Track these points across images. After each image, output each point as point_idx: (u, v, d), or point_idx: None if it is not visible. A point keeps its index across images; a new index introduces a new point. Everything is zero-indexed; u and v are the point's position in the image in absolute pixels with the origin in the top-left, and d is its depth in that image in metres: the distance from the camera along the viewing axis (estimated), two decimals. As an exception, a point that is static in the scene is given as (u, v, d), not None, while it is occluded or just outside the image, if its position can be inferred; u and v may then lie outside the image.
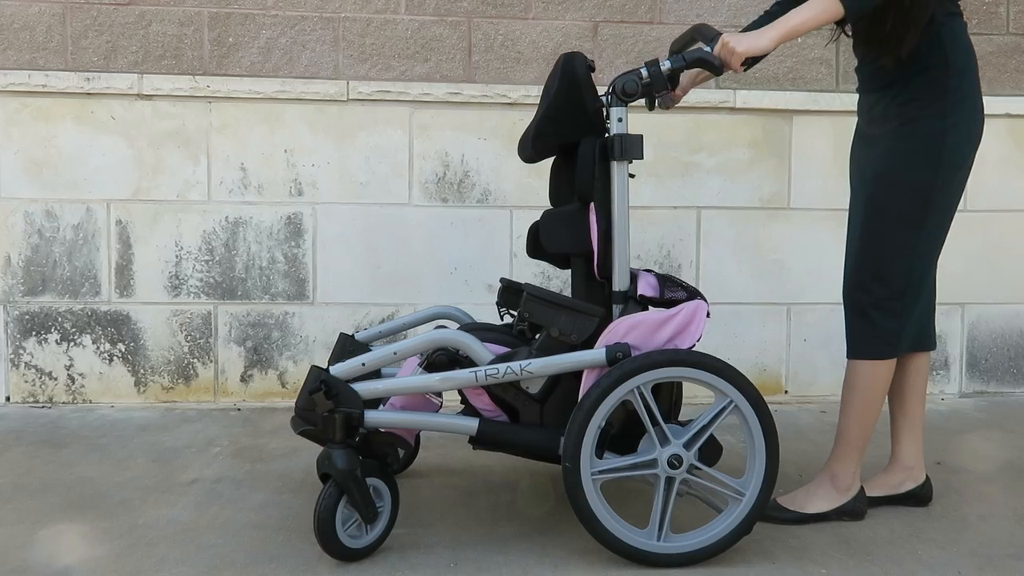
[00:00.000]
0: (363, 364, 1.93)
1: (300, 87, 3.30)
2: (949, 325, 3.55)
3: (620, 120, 1.97)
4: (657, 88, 1.97)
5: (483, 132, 3.38)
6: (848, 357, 2.20)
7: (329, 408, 1.87)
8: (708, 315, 1.94)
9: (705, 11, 3.44)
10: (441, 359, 1.96)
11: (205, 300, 3.33)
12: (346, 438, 1.88)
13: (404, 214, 3.37)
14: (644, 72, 1.96)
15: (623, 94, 1.95)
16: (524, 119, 3.37)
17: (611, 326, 1.91)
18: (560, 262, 2.23)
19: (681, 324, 1.91)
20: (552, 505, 2.27)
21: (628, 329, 1.90)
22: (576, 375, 1.93)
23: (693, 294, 2.00)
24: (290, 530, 2.08)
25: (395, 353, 1.95)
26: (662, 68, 1.96)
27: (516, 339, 2.07)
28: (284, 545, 2.00)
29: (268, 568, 1.88)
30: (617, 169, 1.97)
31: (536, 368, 1.90)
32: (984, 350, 3.59)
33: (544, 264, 3.38)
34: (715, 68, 1.95)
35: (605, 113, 2.01)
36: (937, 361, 3.57)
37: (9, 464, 2.58)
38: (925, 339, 2.25)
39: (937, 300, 2.30)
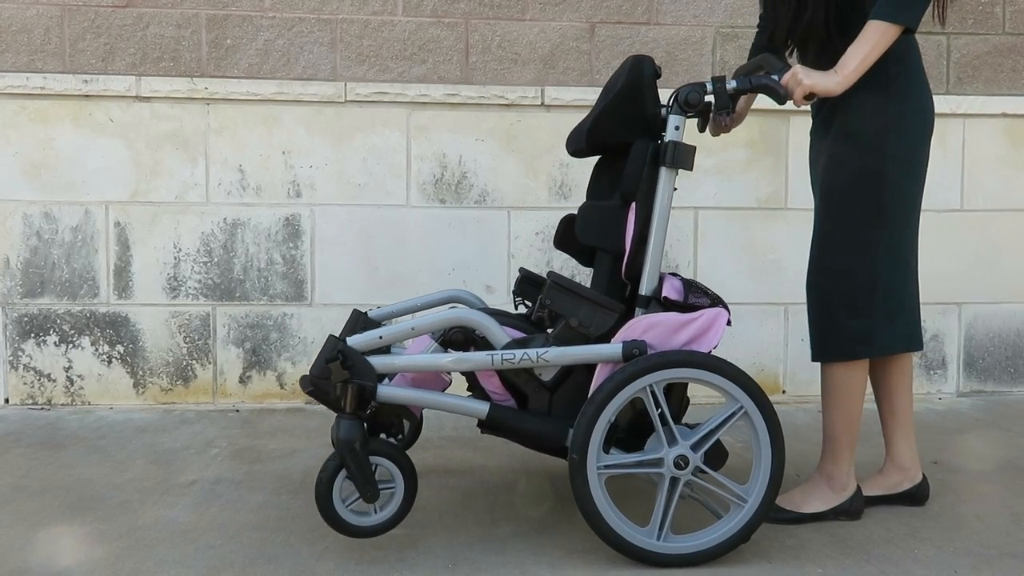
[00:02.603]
0: (381, 337, 1.94)
1: (298, 89, 3.30)
2: (946, 324, 3.55)
3: (677, 128, 2.00)
4: (719, 105, 1.99)
5: (480, 133, 3.38)
6: (814, 360, 2.17)
7: (344, 378, 1.88)
8: (729, 323, 1.95)
9: (702, 12, 3.44)
10: (457, 337, 1.96)
11: (204, 302, 3.33)
12: (357, 410, 1.89)
13: (402, 215, 3.37)
14: (709, 86, 1.98)
15: (686, 104, 1.98)
16: (521, 120, 3.38)
17: (630, 323, 1.92)
18: (584, 258, 2.21)
19: (700, 329, 1.92)
20: (550, 505, 2.28)
21: (647, 328, 1.91)
22: (589, 368, 1.94)
23: (716, 301, 2.01)
24: (289, 531, 2.09)
25: (413, 328, 1.95)
26: (727, 87, 1.98)
27: (532, 326, 2.07)
28: (283, 546, 2.00)
29: (267, 569, 1.88)
30: (665, 175, 1.99)
31: (552, 357, 1.90)
32: (981, 349, 3.60)
33: (548, 264, 3.39)
34: (779, 97, 1.97)
35: (663, 119, 2.03)
36: (934, 361, 3.58)
37: (8, 466, 2.58)
38: (916, 339, 2.21)
39: (934, 300, 2.27)
